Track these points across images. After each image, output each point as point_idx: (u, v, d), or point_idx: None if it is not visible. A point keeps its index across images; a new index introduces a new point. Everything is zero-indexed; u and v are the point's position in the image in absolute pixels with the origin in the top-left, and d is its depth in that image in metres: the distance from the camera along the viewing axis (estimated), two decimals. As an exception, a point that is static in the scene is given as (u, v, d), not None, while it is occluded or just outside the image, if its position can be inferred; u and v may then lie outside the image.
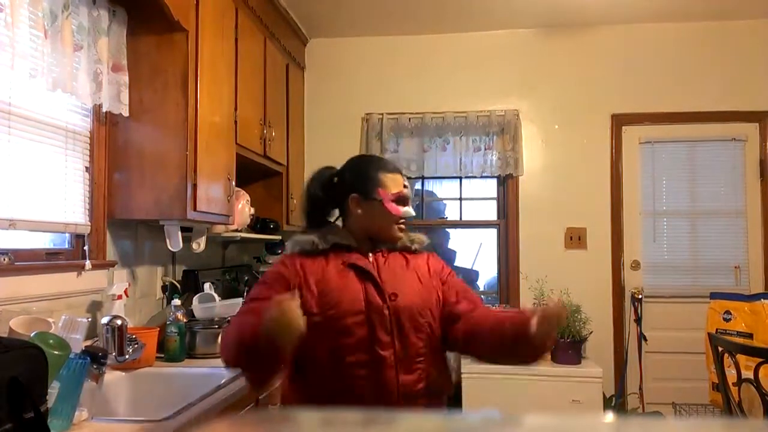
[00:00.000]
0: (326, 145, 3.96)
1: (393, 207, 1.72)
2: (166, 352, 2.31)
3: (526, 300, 3.77)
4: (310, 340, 1.54)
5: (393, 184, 1.74)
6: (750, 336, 3.16)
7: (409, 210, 1.75)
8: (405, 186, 1.76)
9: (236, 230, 3.00)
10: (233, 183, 2.78)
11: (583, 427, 0.70)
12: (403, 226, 1.76)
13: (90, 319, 2.09)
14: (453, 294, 1.74)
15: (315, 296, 1.62)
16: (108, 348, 1.91)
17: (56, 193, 2.13)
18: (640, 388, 3.72)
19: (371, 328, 1.60)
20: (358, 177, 1.76)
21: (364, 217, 1.73)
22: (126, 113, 2.30)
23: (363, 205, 1.73)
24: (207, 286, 2.71)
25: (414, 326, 1.64)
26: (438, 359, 1.69)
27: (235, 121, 2.80)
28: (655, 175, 3.85)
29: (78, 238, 2.27)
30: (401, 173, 1.79)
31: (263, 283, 1.69)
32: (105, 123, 2.35)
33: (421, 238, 1.81)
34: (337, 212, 1.81)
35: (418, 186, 4.04)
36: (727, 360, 2.47)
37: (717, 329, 3.21)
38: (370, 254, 1.71)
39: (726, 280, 3.72)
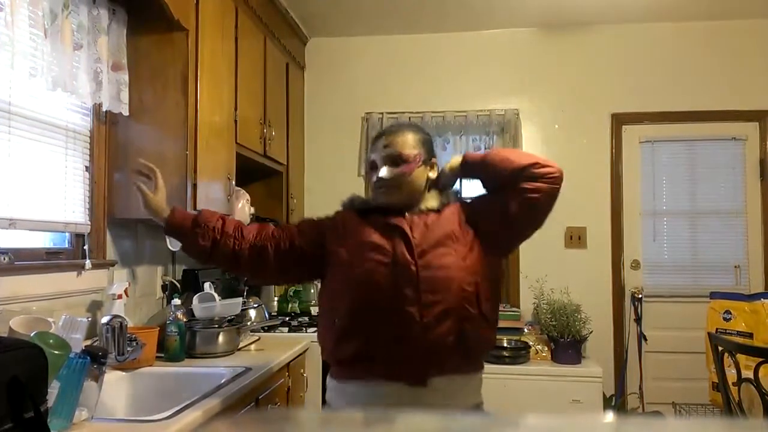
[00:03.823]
0: (326, 145, 3.97)
1: (368, 174, 1.82)
2: (166, 352, 2.31)
3: (526, 300, 3.77)
4: (340, 289, 1.70)
5: (386, 147, 1.77)
6: (750, 336, 3.16)
7: (383, 171, 1.73)
8: (386, 146, 1.75)
9: (236, 230, 2.99)
10: (233, 182, 2.78)
11: (583, 427, 0.70)
12: (383, 188, 1.75)
13: (90, 319, 2.09)
14: (493, 218, 1.74)
15: (345, 246, 1.72)
16: (108, 348, 1.91)
17: (56, 193, 2.13)
18: (640, 388, 3.72)
19: (396, 282, 1.63)
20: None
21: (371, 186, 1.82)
22: (126, 112, 2.30)
23: (368, 174, 1.84)
24: (207, 285, 2.70)
25: (444, 285, 1.64)
26: (473, 315, 1.66)
27: (235, 121, 2.80)
28: (655, 175, 3.85)
29: (78, 237, 2.27)
30: (415, 132, 1.80)
31: (305, 219, 1.89)
32: (105, 122, 2.34)
33: (448, 195, 1.82)
34: None
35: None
36: (727, 360, 2.47)
37: (717, 329, 3.21)
38: (407, 214, 1.74)
39: (726, 280, 3.73)
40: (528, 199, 1.71)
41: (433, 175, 1.81)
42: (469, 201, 1.84)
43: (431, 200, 1.79)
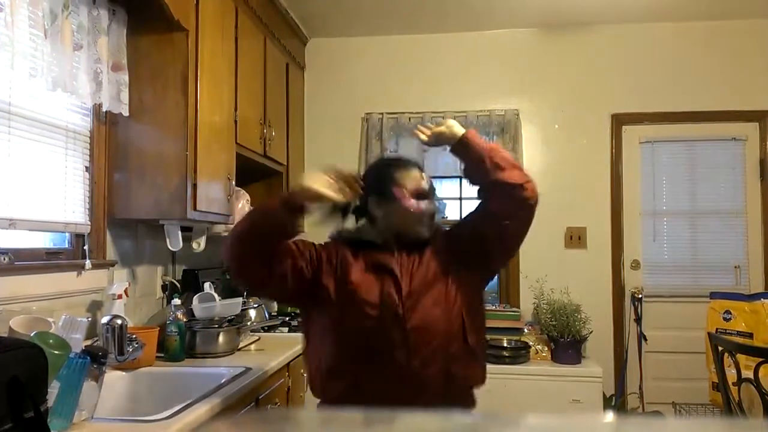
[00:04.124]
0: (326, 145, 3.97)
1: (410, 203, 1.72)
2: (166, 352, 2.31)
3: (526, 300, 3.77)
4: (328, 327, 1.67)
5: (409, 180, 1.74)
6: (750, 336, 3.16)
7: (428, 205, 1.74)
8: (423, 179, 1.76)
9: (236, 230, 3.00)
10: (233, 183, 2.78)
11: (583, 427, 0.70)
12: (426, 221, 1.74)
13: (90, 319, 2.09)
14: (468, 238, 1.75)
15: (334, 283, 1.68)
16: (108, 348, 1.91)
17: (56, 193, 2.13)
18: (640, 388, 3.72)
19: (383, 324, 1.63)
20: (374, 179, 1.77)
21: (385, 218, 1.75)
22: (126, 113, 2.30)
23: (382, 206, 1.74)
24: (207, 285, 2.71)
25: (431, 327, 1.65)
26: (460, 354, 1.67)
27: (235, 121, 2.80)
28: (655, 175, 3.85)
29: (78, 237, 2.27)
30: (419, 168, 1.79)
31: (304, 241, 1.77)
32: (105, 122, 2.35)
33: (433, 225, 1.80)
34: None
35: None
36: (727, 360, 2.47)
37: (717, 329, 3.21)
38: (396, 252, 1.72)
39: (726, 280, 3.72)
40: (499, 218, 1.72)
41: None
42: (449, 229, 1.85)
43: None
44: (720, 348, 2.49)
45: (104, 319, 2.01)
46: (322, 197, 1.58)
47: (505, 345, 3.48)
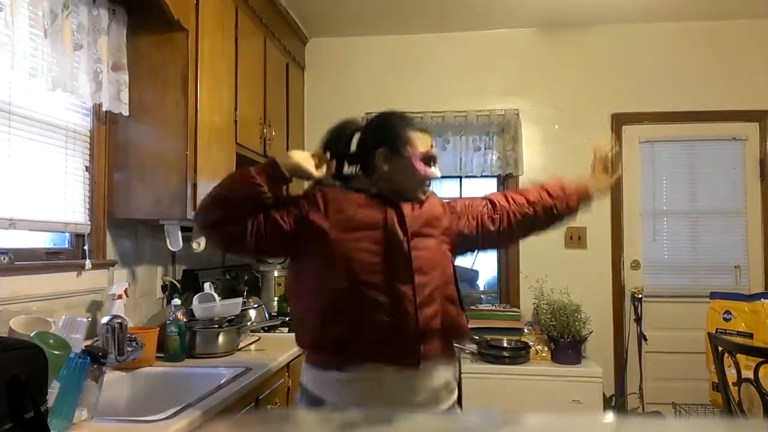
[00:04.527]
0: (326, 145, 3.96)
1: (421, 166, 1.72)
2: (166, 352, 2.31)
3: (526, 300, 3.77)
4: (325, 268, 1.62)
5: (421, 143, 1.74)
6: (750, 336, 3.16)
7: (435, 171, 1.75)
8: (432, 146, 1.77)
9: (236, 230, 2.99)
10: (233, 183, 2.77)
11: (583, 427, 0.70)
12: (428, 187, 1.76)
13: (90, 319, 2.09)
14: (472, 221, 1.82)
15: (332, 221, 1.64)
16: (108, 348, 1.91)
17: (56, 193, 2.13)
18: (640, 388, 3.72)
19: (389, 259, 1.61)
20: (386, 132, 1.74)
21: (390, 173, 1.72)
22: (126, 113, 2.30)
23: (391, 160, 1.72)
24: (207, 285, 2.71)
25: (431, 266, 1.66)
26: (454, 298, 1.72)
27: (235, 121, 2.80)
28: (655, 175, 3.85)
29: (78, 237, 2.27)
30: (429, 133, 1.79)
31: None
32: (105, 122, 2.35)
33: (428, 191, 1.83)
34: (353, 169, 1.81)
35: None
36: (727, 360, 2.47)
37: (717, 329, 3.22)
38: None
39: (726, 280, 3.73)
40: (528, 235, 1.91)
41: None
42: (448, 201, 1.89)
43: None
44: (720, 348, 2.49)
45: (104, 319, 2.01)
46: (305, 170, 1.66)
47: (505, 345, 3.48)
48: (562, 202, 1.86)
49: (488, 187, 4.02)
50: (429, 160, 1.74)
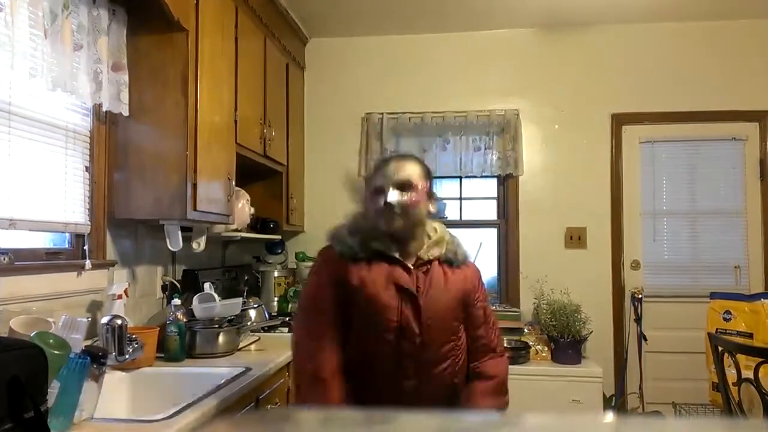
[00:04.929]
0: (326, 145, 3.97)
1: (372, 196, 1.72)
2: (166, 352, 2.31)
3: (526, 300, 3.77)
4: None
5: (381, 176, 1.71)
6: (750, 336, 3.16)
7: (393, 195, 1.66)
8: (396, 172, 1.69)
9: (236, 230, 3.00)
10: (233, 183, 2.77)
11: (583, 427, 0.70)
12: (391, 213, 1.67)
13: (90, 319, 2.09)
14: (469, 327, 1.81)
15: (353, 294, 1.68)
16: (108, 348, 1.91)
17: (56, 193, 2.13)
18: (640, 388, 3.72)
19: (398, 341, 1.67)
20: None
21: (366, 211, 1.76)
22: (126, 113, 2.30)
23: (367, 198, 1.77)
24: (207, 285, 2.71)
25: (441, 346, 1.72)
26: (461, 385, 1.79)
27: (235, 121, 2.80)
28: (655, 175, 3.85)
29: (78, 237, 2.27)
30: (401, 160, 1.75)
31: (317, 281, 1.75)
32: (105, 122, 2.34)
33: (464, 251, 1.80)
34: None
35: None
36: (727, 360, 2.47)
37: (717, 329, 3.21)
38: (412, 267, 1.71)
39: (726, 280, 3.72)
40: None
41: (433, 209, 1.78)
42: (479, 277, 1.85)
43: (433, 248, 1.76)
44: (720, 348, 2.49)
45: (104, 320, 2.01)
46: None
47: (505, 345, 3.47)
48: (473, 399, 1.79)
49: (488, 187, 4.02)
50: (399, 185, 1.68)
